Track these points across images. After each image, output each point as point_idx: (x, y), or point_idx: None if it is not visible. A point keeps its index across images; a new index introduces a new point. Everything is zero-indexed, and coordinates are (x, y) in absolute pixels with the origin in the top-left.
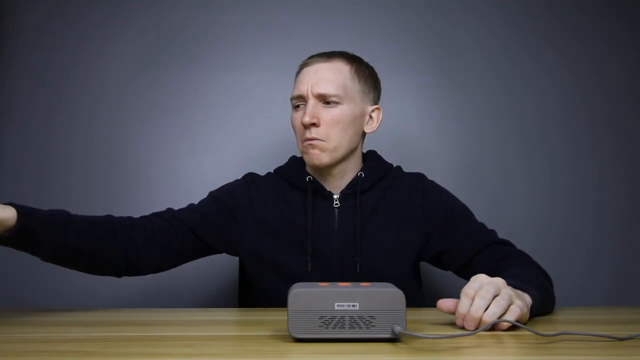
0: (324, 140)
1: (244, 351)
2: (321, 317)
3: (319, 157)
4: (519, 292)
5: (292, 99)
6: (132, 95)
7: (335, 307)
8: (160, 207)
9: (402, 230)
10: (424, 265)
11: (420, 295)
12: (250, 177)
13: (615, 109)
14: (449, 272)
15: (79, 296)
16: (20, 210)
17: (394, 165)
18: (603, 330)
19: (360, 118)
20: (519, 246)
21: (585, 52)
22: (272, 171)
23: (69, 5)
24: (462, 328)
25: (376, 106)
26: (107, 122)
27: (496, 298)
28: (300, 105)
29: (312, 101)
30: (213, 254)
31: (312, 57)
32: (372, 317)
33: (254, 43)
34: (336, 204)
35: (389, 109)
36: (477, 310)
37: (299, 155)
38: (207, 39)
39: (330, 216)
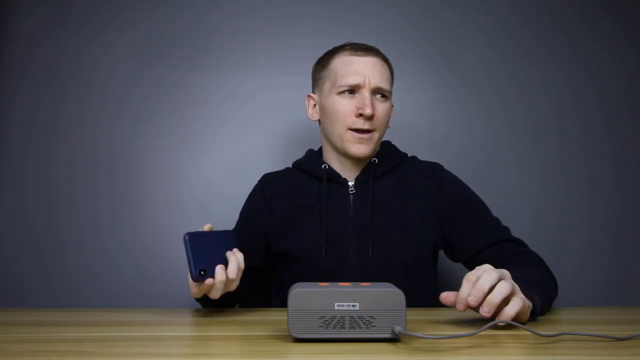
0: (375, 131)
1: (244, 351)
2: (321, 317)
3: (366, 149)
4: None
5: (342, 85)
6: (134, 96)
7: (335, 307)
8: (162, 207)
9: (417, 217)
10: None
11: (436, 282)
12: (265, 180)
13: (609, 109)
14: (457, 268)
15: (79, 296)
16: None
17: (409, 155)
18: (603, 330)
19: (390, 113)
20: None
21: (578, 51)
22: (290, 166)
23: (70, 8)
24: (474, 310)
25: (392, 104)
26: (108, 123)
27: (501, 281)
28: (350, 93)
29: (367, 92)
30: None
31: (356, 46)
32: (372, 317)
33: (256, 45)
34: (351, 190)
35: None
36: (483, 284)
37: (315, 148)
38: (208, 41)
39: (345, 202)
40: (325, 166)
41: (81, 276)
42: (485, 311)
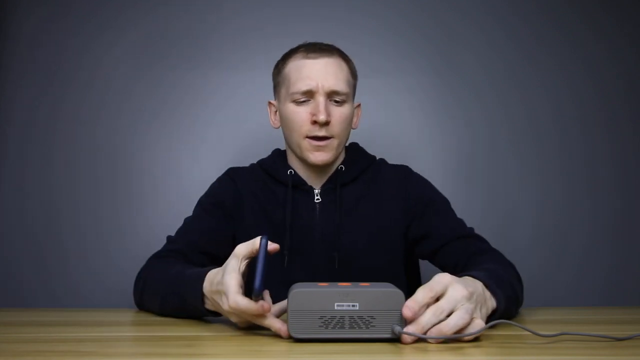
0: (333, 138)
1: (244, 351)
2: (321, 317)
3: (325, 156)
4: (487, 294)
5: (295, 92)
6: (133, 95)
7: (335, 307)
8: (162, 207)
9: (385, 224)
10: (423, 268)
11: (406, 288)
12: (234, 173)
13: (609, 109)
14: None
15: (79, 296)
16: None
17: (377, 158)
18: (602, 330)
19: (352, 115)
20: (512, 245)
21: (578, 51)
22: (255, 162)
23: (70, 8)
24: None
25: (358, 103)
26: (109, 123)
27: (456, 312)
28: (305, 100)
29: (322, 98)
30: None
31: (309, 48)
32: (372, 317)
33: (256, 45)
34: (317, 198)
35: (384, 108)
36: (426, 324)
37: (282, 148)
38: (206, 40)
39: (311, 211)
40: (291, 172)
41: (81, 276)
42: (432, 335)
